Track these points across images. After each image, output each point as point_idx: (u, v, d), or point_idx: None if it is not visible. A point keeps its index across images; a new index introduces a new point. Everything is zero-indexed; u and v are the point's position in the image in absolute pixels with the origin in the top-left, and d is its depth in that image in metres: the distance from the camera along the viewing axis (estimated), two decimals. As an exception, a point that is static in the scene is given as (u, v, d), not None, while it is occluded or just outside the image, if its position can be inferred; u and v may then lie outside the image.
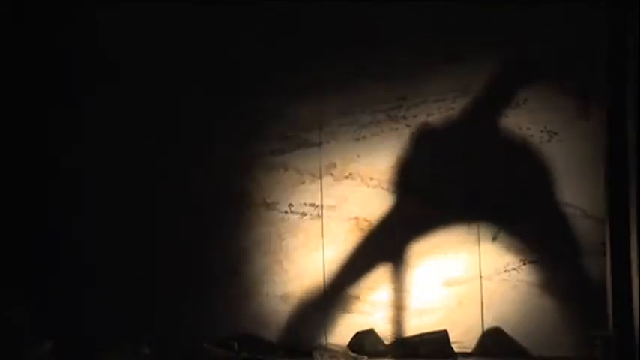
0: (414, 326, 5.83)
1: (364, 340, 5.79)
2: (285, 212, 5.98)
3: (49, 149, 6.13)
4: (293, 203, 5.98)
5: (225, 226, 6.02)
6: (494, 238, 5.70)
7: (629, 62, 5.18)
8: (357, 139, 5.95)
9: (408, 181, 5.88)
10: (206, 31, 6.03)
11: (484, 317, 5.76)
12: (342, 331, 5.88)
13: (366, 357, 5.69)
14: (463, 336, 5.77)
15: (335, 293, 5.92)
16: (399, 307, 5.88)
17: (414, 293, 5.86)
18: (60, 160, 6.11)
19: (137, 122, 6.07)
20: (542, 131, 5.73)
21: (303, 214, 5.97)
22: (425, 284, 5.85)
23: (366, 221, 5.92)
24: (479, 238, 5.79)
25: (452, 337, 5.73)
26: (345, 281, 5.92)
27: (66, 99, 6.14)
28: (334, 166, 5.97)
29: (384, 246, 5.89)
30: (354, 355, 5.68)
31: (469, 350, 5.75)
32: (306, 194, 5.97)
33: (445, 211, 5.83)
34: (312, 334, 5.91)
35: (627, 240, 5.25)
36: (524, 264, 5.72)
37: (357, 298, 5.91)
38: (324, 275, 5.94)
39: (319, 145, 5.98)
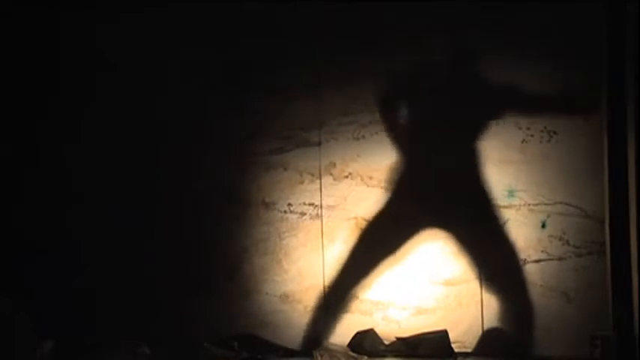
0: (414, 326, 5.82)
1: (364, 340, 5.79)
2: (285, 212, 5.97)
3: (50, 149, 6.14)
4: (292, 203, 5.97)
5: (225, 226, 6.02)
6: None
7: (629, 62, 5.17)
8: (357, 139, 5.95)
9: (406, 180, 5.87)
10: (206, 31, 6.03)
11: (484, 317, 5.76)
12: (342, 331, 5.87)
13: (365, 357, 5.68)
14: (463, 336, 5.76)
15: (335, 293, 5.93)
16: (399, 307, 5.87)
17: (414, 293, 5.85)
18: (60, 160, 6.12)
19: (137, 122, 6.07)
20: (542, 131, 5.70)
21: (303, 214, 5.96)
22: (425, 284, 5.84)
23: (366, 220, 5.91)
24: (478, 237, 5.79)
25: (452, 337, 5.72)
26: (344, 280, 5.92)
27: (66, 99, 6.15)
28: (334, 165, 5.96)
29: (383, 245, 5.89)
30: (354, 355, 5.68)
31: (469, 350, 5.74)
32: (306, 194, 5.97)
33: (444, 210, 5.83)
34: (312, 334, 5.91)
35: (627, 240, 5.25)
36: (524, 264, 5.70)
37: (357, 298, 5.91)
38: (324, 275, 5.93)
39: (319, 144, 5.97)
